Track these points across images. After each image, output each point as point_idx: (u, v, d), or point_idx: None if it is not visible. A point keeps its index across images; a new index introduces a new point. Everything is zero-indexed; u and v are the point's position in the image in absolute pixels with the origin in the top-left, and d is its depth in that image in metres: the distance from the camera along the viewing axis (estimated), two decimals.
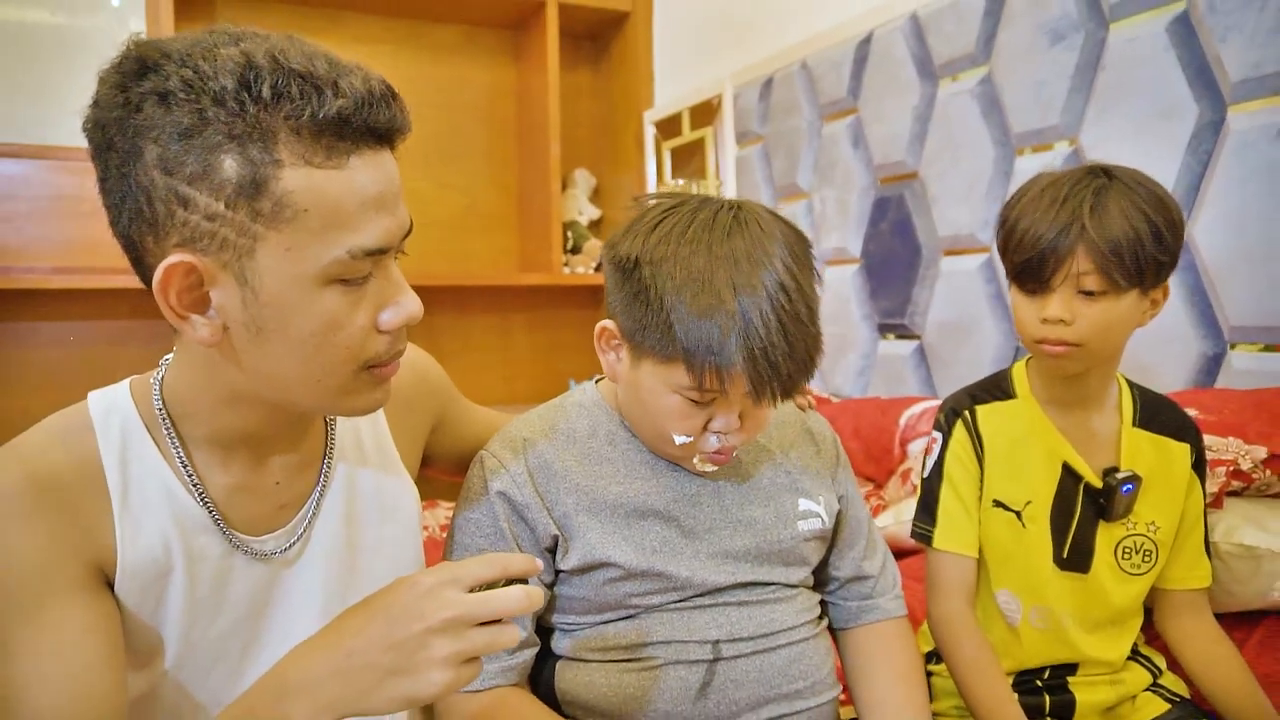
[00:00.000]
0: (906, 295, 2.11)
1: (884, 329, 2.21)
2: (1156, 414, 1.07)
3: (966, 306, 1.93)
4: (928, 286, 2.06)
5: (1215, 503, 1.14)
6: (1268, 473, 1.16)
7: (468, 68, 3.25)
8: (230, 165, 0.60)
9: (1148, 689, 1.05)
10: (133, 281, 2.48)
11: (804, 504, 0.93)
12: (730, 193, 2.73)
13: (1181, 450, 1.06)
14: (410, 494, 0.87)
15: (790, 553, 0.91)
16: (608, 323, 0.85)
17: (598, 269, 3.23)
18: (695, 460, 0.85)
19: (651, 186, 3.16)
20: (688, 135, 2.96)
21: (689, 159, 2.96)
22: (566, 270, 3.21)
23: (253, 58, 0.60)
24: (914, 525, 1.08)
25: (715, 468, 0.87)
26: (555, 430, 0.91)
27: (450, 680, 0.59)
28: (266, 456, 0.76)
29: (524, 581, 0.64)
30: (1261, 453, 1.16)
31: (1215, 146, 1.45)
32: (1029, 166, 1.78)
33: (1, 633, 0.64)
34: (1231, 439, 1.19)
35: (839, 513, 0.98)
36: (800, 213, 2.45)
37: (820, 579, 1.00)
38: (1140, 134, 1.56)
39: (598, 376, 0.98)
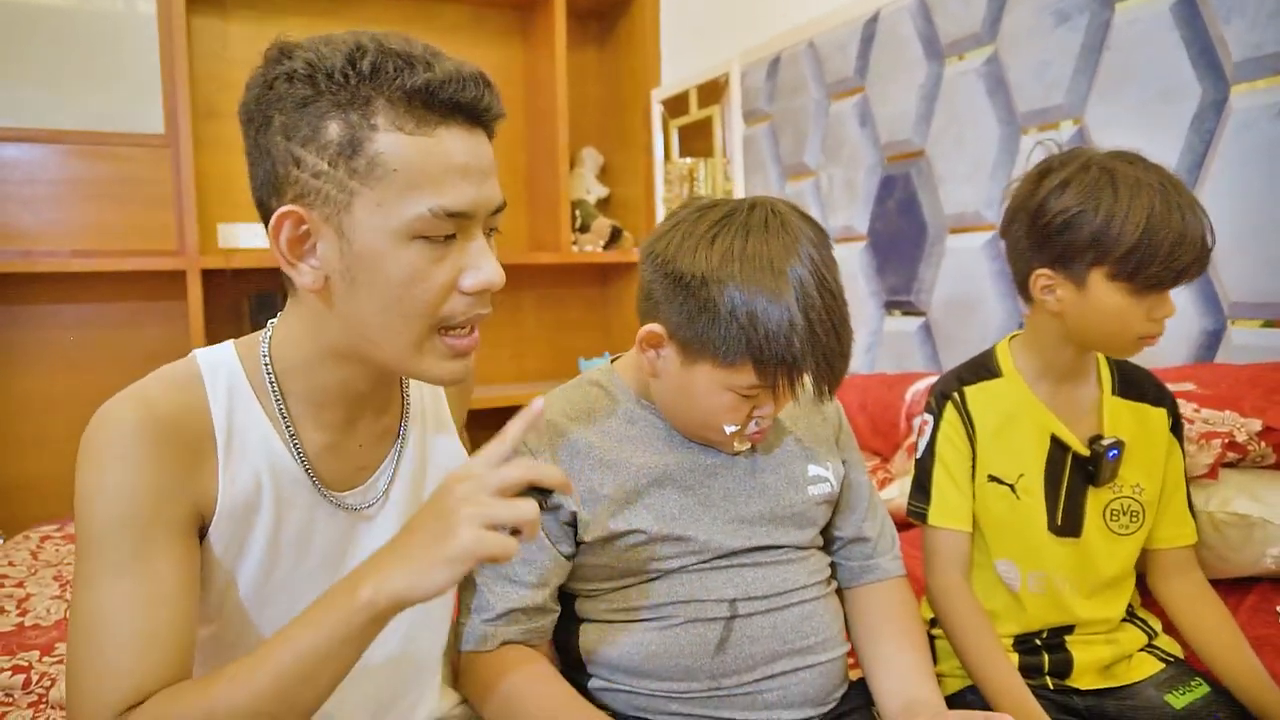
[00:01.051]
0: (912, 272, 2.14)
1: (890, 306, 2.25)
2: (1133, 382, 1.13)
3: (971, 283, 1.96)
4: (933, 264, 2.09)
5: (1210, 473, 1.19)
6: (1262, 445, 1.20)
7: (475, 48, 3.27)
8: (334, 129, 0.70)
9: (1143, 649, 1.10)
10: (150, 264, 2.53)
11: (813, 470, 0.99)
12: (737, 170, 2.76)
13: (1159, 415, 1.12)
14: (459, 456, 0.94)
15: (801, 515, 0.97)
16: (655, 328, 0.89)
17: (606, 247, 3.26)
18: (735, 443, 0.92)
19: (659, 165, 3.18)
20: (695, 114, 2.98)
21: (696, 137, 2.99)
22: (575, 249, 3.24)
23: (360, 41, 0.70)
24: (909, 504, 1.13)
25: (750, 445, 0.93)
26: (577, 410, 0.95)
27: (473, 538, 0.65)
28: (356, 419, 0.83)
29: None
30: (1256, 425, 1.20)
31: (1217, 126, 1.48)
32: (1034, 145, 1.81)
33: (111, 555, 0.70)
34: (1228, 412, 1.23)
35: (843, 476, 1.03)
36: (807, 191, 2.48)
37: (824, 539, 1.05)
38: (1144, 114, 1.58)
39: (613, 355, 1.03)
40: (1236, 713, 1.00)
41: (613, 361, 1.02)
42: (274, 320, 0.82)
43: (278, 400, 0.79)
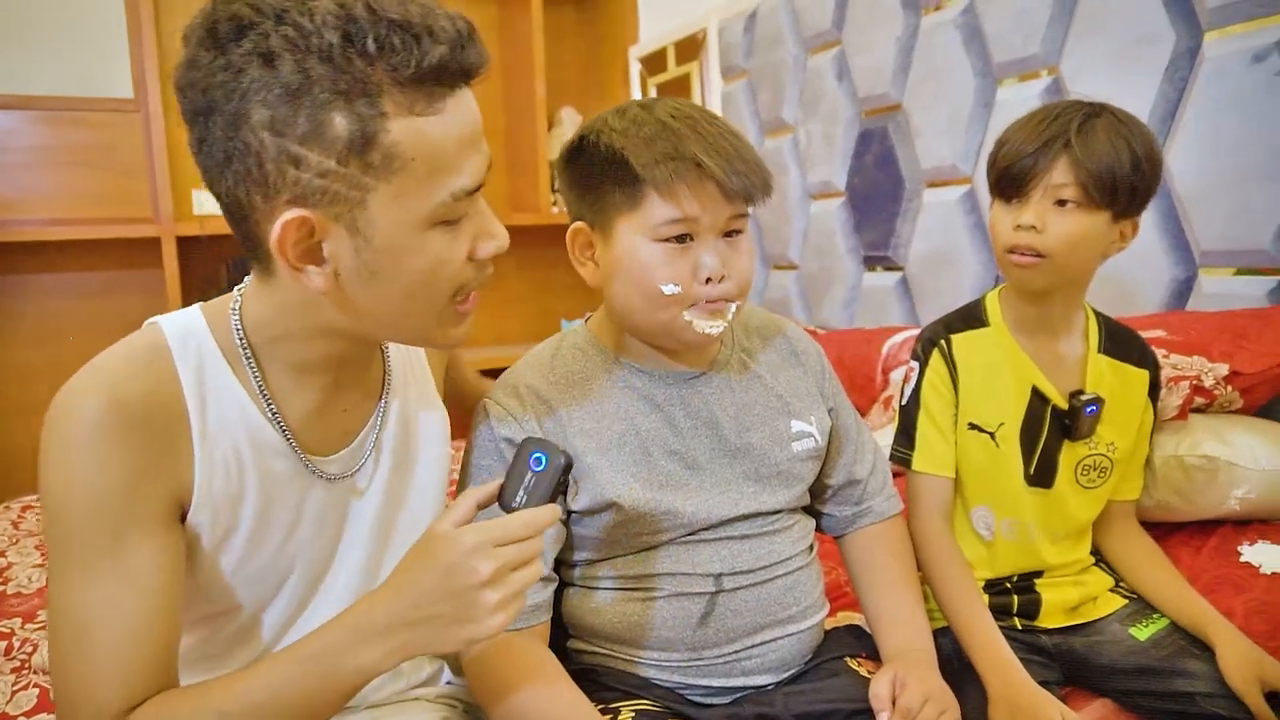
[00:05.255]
0: (890, 227, 2.14)
1: (869, 261, 2.25)
2: (1119, 342, 1.14)
3: (948, 237, 1.97)
4: (910, 219, 2.09)
5: (1180, 415, 1.20)
6: (1229, 389, 1.22)
7: (449, 5, 3.21)
8: (340, 123, 0.62)
9: (1109, 590, 1.13)
10: (123, 231, 2.48)
11: (796, 425, 0.96)
12: None
13: (1140, 376, 1.13)
14: (443, 421, 0.93)
15: (788, 473, 0.95)
16: (575, 223, 0.89)
17: None
18: (695, 321, 0.85)
19: None
20: (673, 71, 2.95)
21: (675, 95, 2.95)
22: (555, 210, 3.22)
23: (350, 9, 0.61)
24: (893, 450, 1.14)
25: (718, 325, 0.86)
26: (555, 374, 0.92)
27: (506, 619, 0.67)
28: (340, 383, 0.80)
29: None
30: (1223, 370, 1.22)
31: (1190, 73, 1.47)
32: (1010, 97, 1.80)
33: (86, 558, 0.67)
34: (1196, 357, 1.25)
35: (830, 427, 1.02)
36: (786, 147, 2.47)
37: (813, 489, 1.03)
38: (1118, 62, 1.58)
39: (588, 314, 1.01)
40: (1196, 640, 1.02)
41: (587, 322, 0.99)
42: (242, 288, 0.77)
43: (254, 370, 0.75)
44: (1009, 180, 1.04)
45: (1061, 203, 1.01)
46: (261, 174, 0.63)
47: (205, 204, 2.82)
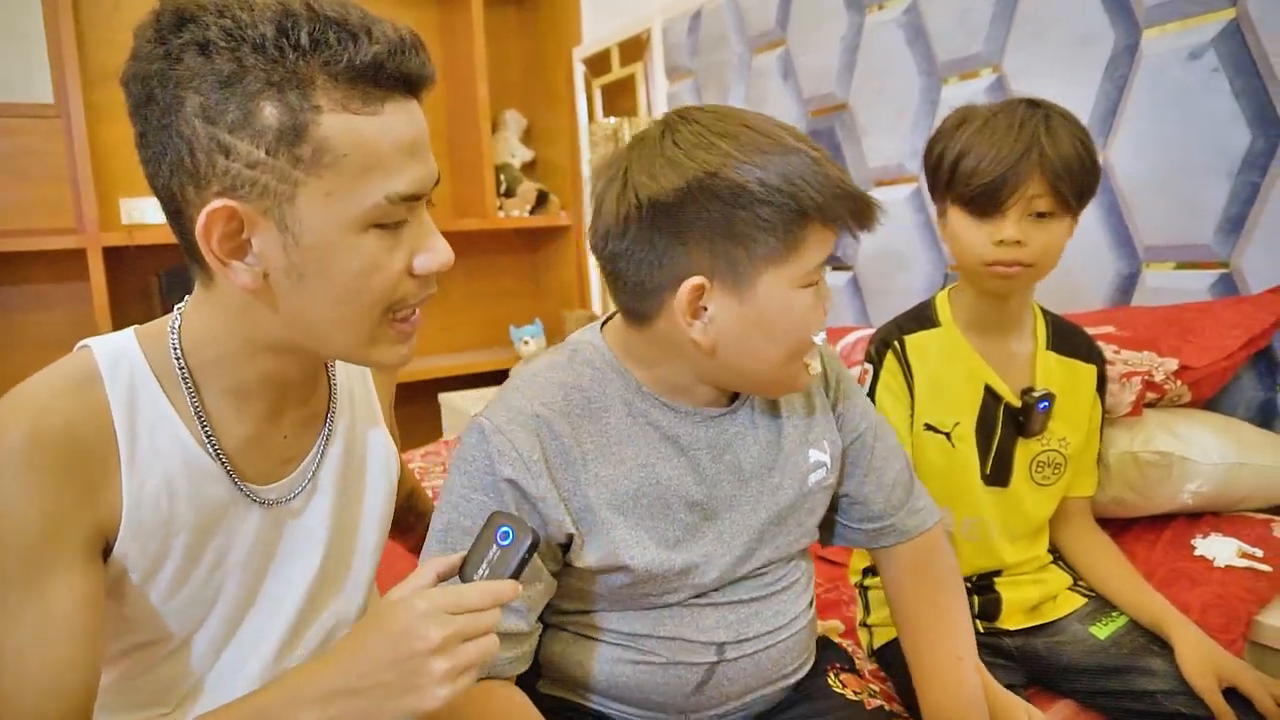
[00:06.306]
0: None
1: None
2: (1065, 338, 1.14)
3: (897, 236, 1.97)
4: None
5: (1134, 411, 1.21)
6: (1179, 383, 1.23)
7: (389, 6, 3.14)
8: (270, 112, 0.61)
9: (1069, 589, 1.13)
10: (46, 243, 2.36)
11: (813, 455, 0.89)
12: None
13: (1088, 371, 1.14)
14: (390, 448, 0.88)
15: (801, 509, 0.89)
16: (693, 280, 0.74)
17: (532, 212, 3.20)
18: (808, 361, 0.80)
19: (583, 126, 3.12)
20: (618, 72, 2.92)
21: (620, 96, 2.93)
22: (501, 214, 3.17)
23: (289, 5, 0.61)
24: None
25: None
26: (569, 403, 0.81)
27: (451, 693, 0.62)
28: (281, 409, 0.77)
29: None
30: (1173, 364, 1.23)
31: (1130, 71, 1.49)
32: (954, 95, 1.81)
33: (2, 592, 0.64)
34: (1145, 352, 1.26)
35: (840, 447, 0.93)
36: None
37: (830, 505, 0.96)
38: (1060, 60, 1.59)
39: (603, 319, 0.87)
40: (1156, 637, 1.03)
41: (602, 328, 0.86)
42: (182, 306, 0.73)
43: (190, 393, 0.72)
44: (984, 200, 1.00)
45: (1038, 214, 1.00)
46: (193, 163, 0.62)
47: (133, 213, 2.71)
